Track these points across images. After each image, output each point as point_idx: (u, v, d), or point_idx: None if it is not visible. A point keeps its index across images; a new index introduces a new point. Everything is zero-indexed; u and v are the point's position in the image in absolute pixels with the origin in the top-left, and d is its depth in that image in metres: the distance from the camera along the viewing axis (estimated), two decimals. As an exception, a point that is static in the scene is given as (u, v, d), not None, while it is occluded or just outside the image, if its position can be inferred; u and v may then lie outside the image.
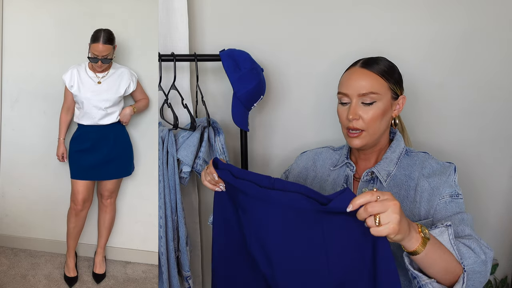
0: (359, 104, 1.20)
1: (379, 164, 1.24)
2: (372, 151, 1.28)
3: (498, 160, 1.79)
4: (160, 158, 1.47)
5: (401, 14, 1.65)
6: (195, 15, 1.63)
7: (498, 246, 1.87)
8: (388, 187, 1.21)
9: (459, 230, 1.08)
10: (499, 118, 1.75)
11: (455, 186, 1.17)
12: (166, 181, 1.48)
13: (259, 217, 1.10)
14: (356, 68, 1.25)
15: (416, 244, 0.92)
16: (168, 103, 1.50)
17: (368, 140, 1.22)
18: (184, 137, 1.51)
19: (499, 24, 1.67)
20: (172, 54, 1.49)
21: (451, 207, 1.14)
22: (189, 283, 1.56)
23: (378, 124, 1.21)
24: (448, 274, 0.98)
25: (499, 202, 1.84)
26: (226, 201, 1.19)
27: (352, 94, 1.20)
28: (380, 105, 1.20)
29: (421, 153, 1.26)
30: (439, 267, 0.97)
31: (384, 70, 1.23)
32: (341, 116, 1.25)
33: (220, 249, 1.24)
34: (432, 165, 1.21)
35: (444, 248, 0.97)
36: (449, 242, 0.99)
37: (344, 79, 1.26)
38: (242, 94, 1.46)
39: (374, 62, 1.24)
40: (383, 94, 1.21)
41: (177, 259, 1.54)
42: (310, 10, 1.64)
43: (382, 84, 1.21)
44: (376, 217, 0.85)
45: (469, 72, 1.70)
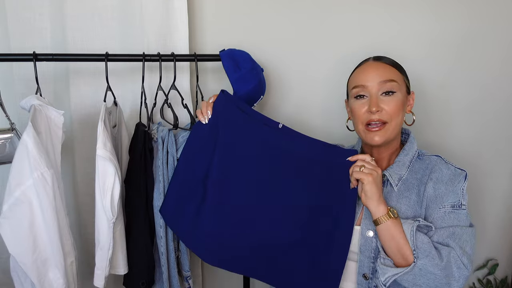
0: (379, 96, 1.19)
1: (391, 168, 1.23)
2: (386, 151, 1.27)
3: (498, 160, 1.79)
4: (160, 158, 1.47)
5: (402, 14, 1.65)
6: (195, 15, 1.62)
7: (498, 246, 1.88)
8: (399, 191, 1.21)
9: (441, 240, 1.12)
10: (499, 117, 1.75)
11: (461, 195, 1.16)
12: (166, 181, 1.48)
13: (251, 153, 1.28)
14: (370, 62, 1.25)
15: (381, 213, 1.13)
16: (168, 103, 1.50)
17: (389, 135, 1.20)
18: (184, 137, 1.51)
19: (501, 24, 1.67)
20: (172, 54, 1.48)
21: (449, 218, 1.14)
22: (189, 283, 1.57)
23: (400, 117, 1.21)
24: (401, 258, 1.11)
25: (499, 202, 1.84)
26: (205, 134, 1.32)
27: (372, 84, 1.19)
28: (399, 96, 1.20)
29: (434, 156, 1.25)
30: (394, 247, 1.11)
31: (396, 64, 1.25)
32: (359, 111, 1.22)
33: (179, 177, 1.38)
34: (442, 171, 1.19)
35: (403, 234, 1.11)
36: (408, 231, 1.11)
37: (359, 73, 1.25)
38: (242, 94, 1.45)
39: (384, 57, 1.26)
40: (401, 84, 1.21)
41: (177, 259, 1.55)
42: (310, 10, 1.64)
43: (398, 75, 1.22)
44: (361, 168, 1.15)
45: (470, 72, 1.70)
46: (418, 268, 1.08)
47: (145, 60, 1.44)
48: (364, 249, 1.21)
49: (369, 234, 1.20)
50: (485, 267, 1.88)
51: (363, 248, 1.21)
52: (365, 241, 1.21)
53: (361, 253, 1.21)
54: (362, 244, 1.21)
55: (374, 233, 1.19)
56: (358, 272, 1.22)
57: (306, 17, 1.64)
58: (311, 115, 1.72)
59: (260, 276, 1.30)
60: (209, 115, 1.31)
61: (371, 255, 1.19)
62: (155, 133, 1.48)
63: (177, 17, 1.54)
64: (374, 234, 1.19)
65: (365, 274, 1.21)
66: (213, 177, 1.29)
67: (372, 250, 1.19)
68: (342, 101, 1.43)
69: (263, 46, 1.64)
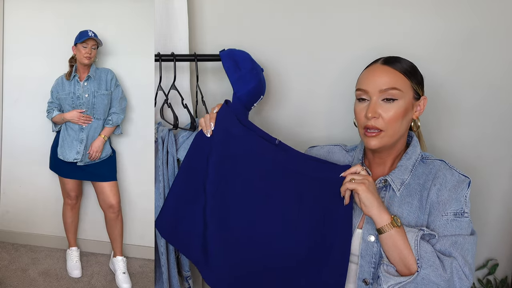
0: (379, 102, 1.16)
1: (394, 172, 1.21)
2: (388, 155, 1.25)
3: (498, 160, 1.78)
4: (160, 158, 1.47)
5: (405, 13, 1.63)
6: (195, 15, 1.61)
7: (498, 246, 1.87)
8: (401, 196, 1.20)
9: (443, 249, 1.12)
10: (502, 119, 1.74)
11: (464, 202, 1.15)
12: (166, 181, 1.48)
13: (248, 167, 1.29)
14: (378, 65, 1.21)
15: (385, 222, 1.11)
16: (168, 103, 1.50)
17: (387, 142, 1.18)
18: (184, 137, 1.51)
19: (507, 23, 1.65)
20: (172, 54, 1.48)
21: (451, 226, 1.13)
22: (189, 283, 1.57)
23: (398, 124, 1.17)
24: (403, 267, 1.10)
25: (499, 202, 1.84)
26: (205, 146, 1.32)
27: (373, 90, 1.17)
28: (401, 103, 1.16)
29: (438, 161, 1.23)
30: (397, 256, 1.10)
31: (407, 69, 1.19)
32: (359, 114, 1.21)
33: (178, 187, 1.38)
34: (446, 176, 1.18)
35: (407, 243, 1.10)
36: (412, 240, 1.10)
37: (364, 76, 1.22)
38: (242, 94, 1.45)
39: (396, 60, 1.21)
40: (405, 92, 1.17)
41: (177, 259, 1.55)
42: (310, 9, 1.63)
43: (405, 82, 1.18)
44: (353, 180, 1.15)
45: (473, 72, 1.69)
46: (420, 277, 1.07)
47: (145, 60, 1.44)
48: (365, 254, 1.20)
49: (370, 239, 1.19)
50: (485, 267, 1.88)
51: (364, 252, 1.20)
52: (366, 246, 1.20)
53: (361, 258, 1.20)
54: (363, 249, 1.20)
55: (375, 238, 1.18)
56: (359, 277, 1.21)
57: (306, 17, 1.64)
58: (311, 115, 1.71)
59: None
60: (212, 127, 1.31)
61: (372, 260, 1.19)
62: (155, 133, 1.49)
63: (177, 17, 1.54)
64: (375, 239, 1.18)
65: (365, 279, 1.20)
66: (211, 191, 1.31)
67: (373, 255, 1.19)
68: (343, 101, 1.42)
69: (263, 46, 1.63)
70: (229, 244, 1.30)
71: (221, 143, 1.31)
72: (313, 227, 1.24)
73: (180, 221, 1.37)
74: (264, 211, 1.29)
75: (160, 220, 1.41)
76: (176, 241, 1.41)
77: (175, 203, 1.39)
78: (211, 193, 1.30)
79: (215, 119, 1.31)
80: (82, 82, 1.70)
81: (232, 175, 1.30)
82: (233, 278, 1.31)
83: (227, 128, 1.31)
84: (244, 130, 1.31)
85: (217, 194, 1.30)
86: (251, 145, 1.30)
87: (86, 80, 1.69)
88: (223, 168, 1.30)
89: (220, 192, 1.30)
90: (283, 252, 1.26)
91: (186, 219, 1.36)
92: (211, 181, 1.30)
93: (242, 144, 1.30)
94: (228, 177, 1.30)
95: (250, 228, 1.30)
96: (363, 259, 1.20)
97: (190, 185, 1.36)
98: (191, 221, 1.34)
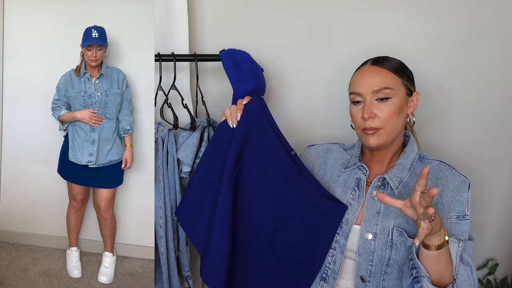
0: (373, 102, 1.18)
1: (392, 171, 1.22)
2: (386, 152, 1.25)
3: (498, 160, 1.78)
4: (160, 158, 1.47)
5: (402, 13, 1.64)
6: (195, 15, 1.61)
7: (498, 246, 1.87)
8: (400, 195, 1.20)
9: (463, 255, 1.12)
10: (500, 117, 1.74)
11: (466, 205, 1.16)
12: (166, 181, 1.49)
13: (263, 168, 1.30)
14: (367, 66, 1.23)
15: (437, 242, 1.02)
16: (168, 103, 1.50)
17: (386, 139, 1.19)
18: (184, 137, 1.51)
19: (503, 23, 1.65)
20: (172, 54, 1.48)
21: (454, 229, 1.14)
22: (189, 283, 1.57)
23: (395, 121, 1.18)
24: (439, 280, 1.06)
25: (499, 202, 1.84)
26: (227, 137, 1.30)
27: (366, 92, 1.18)
28: (395, 101, 1.18)
29: (436, 161, 1.24)
30: (437, 270, 1.05)
31: (396, 67, 1.21)
32: (355, 116, 1.22)
33: (198, 178, 1.38)
34: (447, 177, 1.19)
35: (449, 257, 1.06)
36: (455, 253, 1.07)
37: (356, 79, 1.23)
38: (242, 94, 1.45)
39: (385, 59, 1.23)
40: (397, 89, 1.18)
41: (177, 259, 1.55)
42: (310, 9, 1.63)
43: (396, 79, 1.19)
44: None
45: (471, 71, 1.69)
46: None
47: (145, 60, 1.44)
48: (362, 251, 1.20)
49: (368, 236, 1.19)
50: (485, 267, 1.88)
51: (361, 250, 1.20)
52: (363, 244, 1.20)
53: (359, 255, 1.21)
54: (360, 246, 1.20)
55: (373, 236, 1.18)
56: (356, 274, 1.22)
57: (306, 17, 1.64)
58: (311, 115, 1.72)
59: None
60: (238, 118, 1.30)
61: (369, 257, 1.19)
62: (155, 133, 1.49)
63: (177, 17, 1.54)
64: (373, 237, 1.18)
65: (362, 276, 1.21)
66: (225, 182, 1.30)
67: (370, 252, 1.19)
68: (342, 101, 1.42)
69: (263, 46, 1.64)
70: (228, 242, 1.29)
71: (244, 136, 1.29)
72: (299, 243, 1.30)
73: (198, 213, 1.37)
74: (263, 214, 1.31)
75: (180, 210, 1.42)
76: (193, 233, 1.39)
77: (194, 194, 1.38)
78: (225, 184, 1.29)
79: (242, 110, 1.30)
80: (94, 80, 1.62)
81: (247, 170, 1.30)
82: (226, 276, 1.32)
83: (253, 123, 1.30)
84: (269, 129, 1.31)
85: (229, 185, 1.29)
86: (271, 148, 1.30)
87: (98, 78, 1.62)
88: (241, 162, 1.30)
89: (232, 184, 1.29)
90: (279, 261, 1.31)
91: (203, 211, 1.35)
92: (228, 172, 1.29)
93: (263, 143, 1.30)
94: (242, 171, 1.30)
95: (250, 228, 1.31)
96: (361, 256, 1.20)
97: (210, 176, 1.35)
98: (207, 213, 1.34)
